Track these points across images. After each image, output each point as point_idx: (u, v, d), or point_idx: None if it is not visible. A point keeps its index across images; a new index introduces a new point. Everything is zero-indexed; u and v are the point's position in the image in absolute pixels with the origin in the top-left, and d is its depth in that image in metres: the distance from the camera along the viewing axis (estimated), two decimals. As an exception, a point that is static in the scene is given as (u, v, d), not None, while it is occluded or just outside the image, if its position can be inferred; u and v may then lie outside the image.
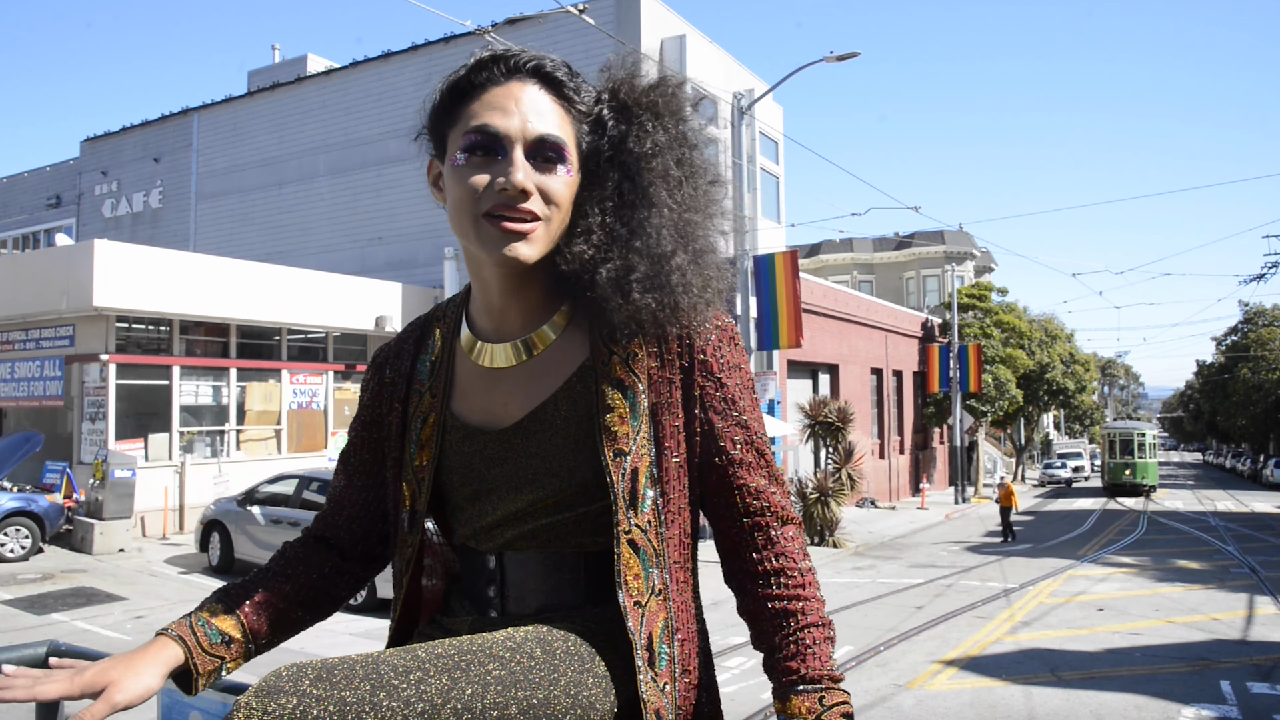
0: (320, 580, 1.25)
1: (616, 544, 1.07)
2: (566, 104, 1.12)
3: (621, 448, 1.09)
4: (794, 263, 16.99)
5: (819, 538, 17.30)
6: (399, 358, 1.27)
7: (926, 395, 32.93)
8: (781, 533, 1.13)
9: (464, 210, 1.08)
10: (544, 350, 1.16)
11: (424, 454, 1.20)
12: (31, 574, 11.14)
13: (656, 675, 1.05)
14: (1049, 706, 6.77)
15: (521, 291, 1.15)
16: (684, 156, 1.16)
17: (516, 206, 1.06)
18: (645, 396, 1.11)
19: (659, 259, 1.10)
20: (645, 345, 1.12)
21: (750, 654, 8.34)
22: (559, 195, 1.09)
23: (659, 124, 1.14)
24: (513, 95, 1.09)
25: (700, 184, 1.17)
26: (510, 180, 1.05)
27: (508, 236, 1.06)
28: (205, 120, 25.87)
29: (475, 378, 1.19)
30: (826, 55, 15.58)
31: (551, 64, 1.12)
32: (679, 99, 1.17)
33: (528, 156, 1.08)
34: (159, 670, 1.08)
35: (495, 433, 1.15)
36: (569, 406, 1.12)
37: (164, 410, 14.63)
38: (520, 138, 1.07)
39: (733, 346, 1.16)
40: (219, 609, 1.16)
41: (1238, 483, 46.39)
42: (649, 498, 1.09)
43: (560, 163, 1.09)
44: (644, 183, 1.12)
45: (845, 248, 45.75)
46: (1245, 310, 49.83)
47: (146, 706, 1.16)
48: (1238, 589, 12.26)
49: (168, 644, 1.11)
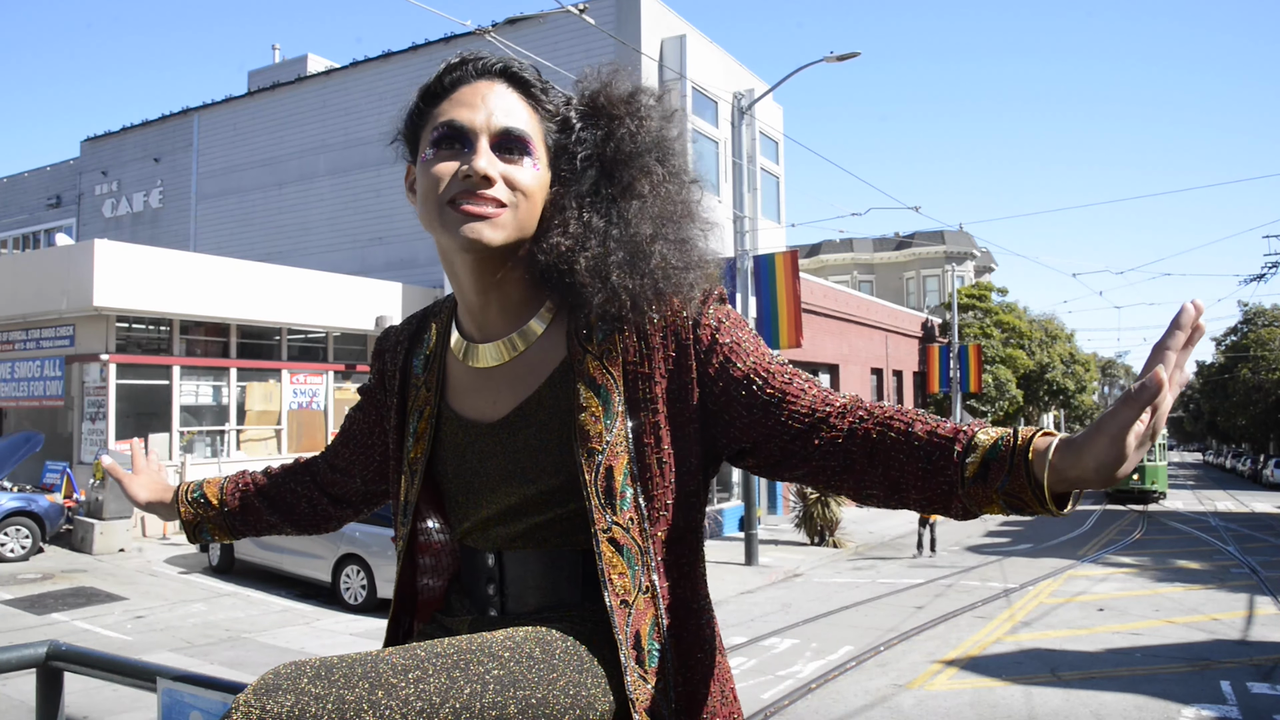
0: (291, 492, 1.48)
1: (596, 544, 1.07)
2: (534, 103, 1.15)
3: (594, 446, 1.09)
4: (794, 263, 17.00)
5: (819, 538, 17.31)
6: (396, 349, 1.31)
7: (926, 395, 32.93)
8: (866, 403, 1.08)
9: (429, 199, 1.10)
10: (529, 348, 1.16)
11: (419, 446, 1.22)
12: (31, 574, 11.14)
13: (645, 673, 1.05)
14: (1049, 706, 6.77)
15: (498, 288, 1.16)
16: (664, 159, 1.17)
17: (480, 193, 1.08)
18: (620, 394, 1.11)
19: (637, 244, 1.11)
20: (623, 340, 1.11)
21: (750, 654, 8.33)
22: (525, 184, 1.11)
23: (642, 126, 1.16)
24: (479, 92, 1.12)
25: (681, 183, 1.18)
26: (473, 166, 1.08)
27: (468, 217, 1.08)
28: (205, 120, 25.87)
29: (466, 375, 1.21)
30: (826, 55, 15.58)
31: (519, 65, 1.16)
32: (662, 104, 1.19)
33: (493, 148, 1.11)
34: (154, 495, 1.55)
35: (485, 426, 1.17)
36: (552, 402, 1.13)
37: (164, 410, 14.62)
38: (485, 129, 1.10)
39: (730, 319, 1.14)
40: (209, 481, 1.52)
41: (1238, 483, 46.38)
42: (628, 495, 1.09)
43: (525, 155, 1.12)
44: (624, 179, 1.14)
45: (845, 248, 45.75)
46: (1245, 310, 49.80)
47: (147, 706, 1.16)
48: (1238, 589, 12.26)
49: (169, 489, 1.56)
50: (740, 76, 21.31)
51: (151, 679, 1.59)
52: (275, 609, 10.14)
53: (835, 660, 8.06)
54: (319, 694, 0.91)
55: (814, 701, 6.82)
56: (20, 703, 6.15)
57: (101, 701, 6.14)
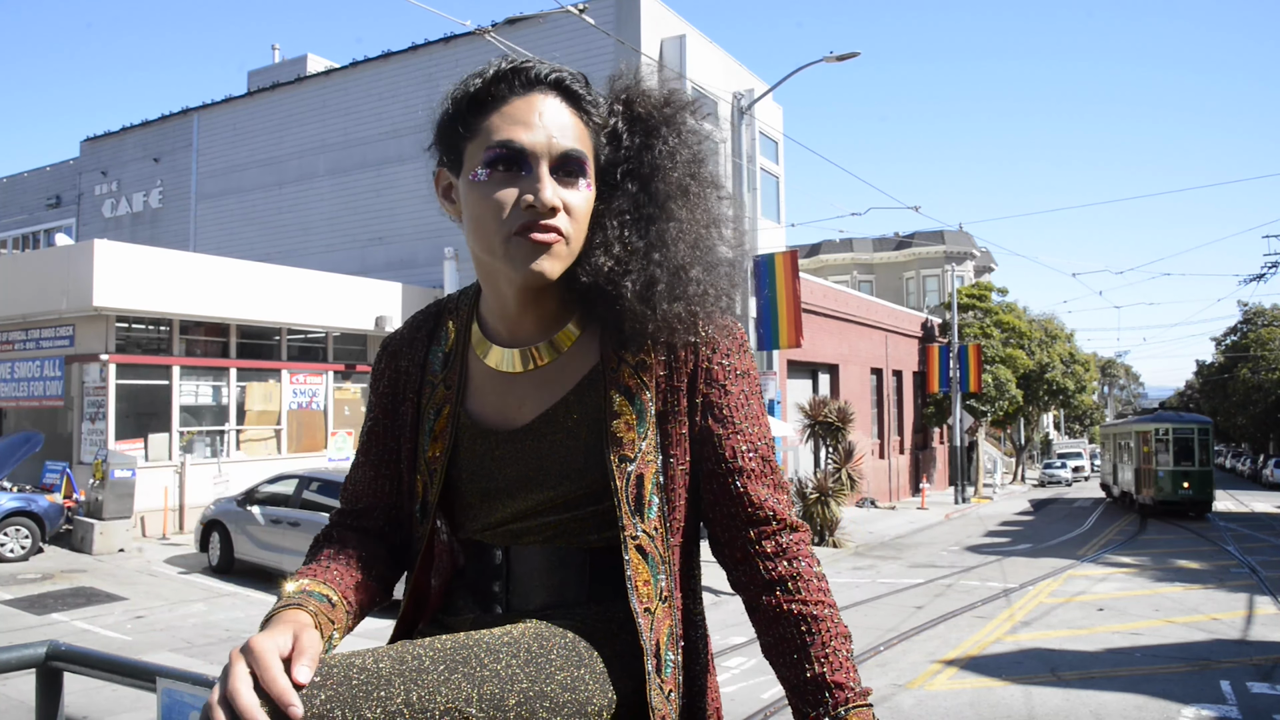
0: (372, 562, 1.18)
1: (625, 550, 1.07)
2: (585, 117, 1.11)
3: (627, 454, 1.09)
4: (794, 263, 17.00)
5: (819, 538, 17.31)
6: (412, 346, 1.26)
7: (926, 395, 32.93)
8: (791, 539, 1.11)
9: (488, 227, 1.07)
10: (557, 356, 1.16)
11: (436, 446, 1.19)
12: (31, 574, 11.14)
13: (663, 683, 1.06)
14: (1049, 706, 6.77)
15: (537, 304, 1.15)
16: (698, 172, 1.16)
17: (545, 224, 1.05)
18: (653, 404, 1.11)
19: (677, 270, 1.11)
20: (655, 354, 1.12)
21: (750, 654, 8.33)
22: (580, 211, 1.09)
23: (679, 139, 1.15)
24: (535, 108, 1.07)
25: (711, 198, 1.17)
26: (540, 198, 1.04)
27: (537, 250, 1.06)
28: (205, 120, 25.87)
29: (488, 378, 1.19)
30: (826, 55, 15.59)
31: (571, 77, 1.11)
32: (695, 113, 1.18)
33: (551, 171, 1.06)
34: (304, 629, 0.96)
35: (506, 433, 1.15)
36: (580, 410, 1.13)
37: (164, 410, 14.62)
38: (546, 153, 1.06)
39: (741, 354, 1.16)
40: (311, 581, 1.08)
41: (1238, 483, 46.36)
42: (655, 504, 1.10)
43: (582, 177, 1.09)
44: (661, 196, 1.13)
45: (845, 248, 45.76)
46: (1245, 310, 49.87)
47: (147, 706, 1.16)
48: (1238, 589, 12.26)
49: (294, 612, 0.99)
50: (740, 76, 21.31)
51: (151, 679, 1.59)
52: (275, 609, 10.14)
53: (835, 660, 8.06)
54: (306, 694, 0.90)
55: (814, 701, 6.82)
56: (20, 703, 6.15)
57: (101, 701, 6.14)
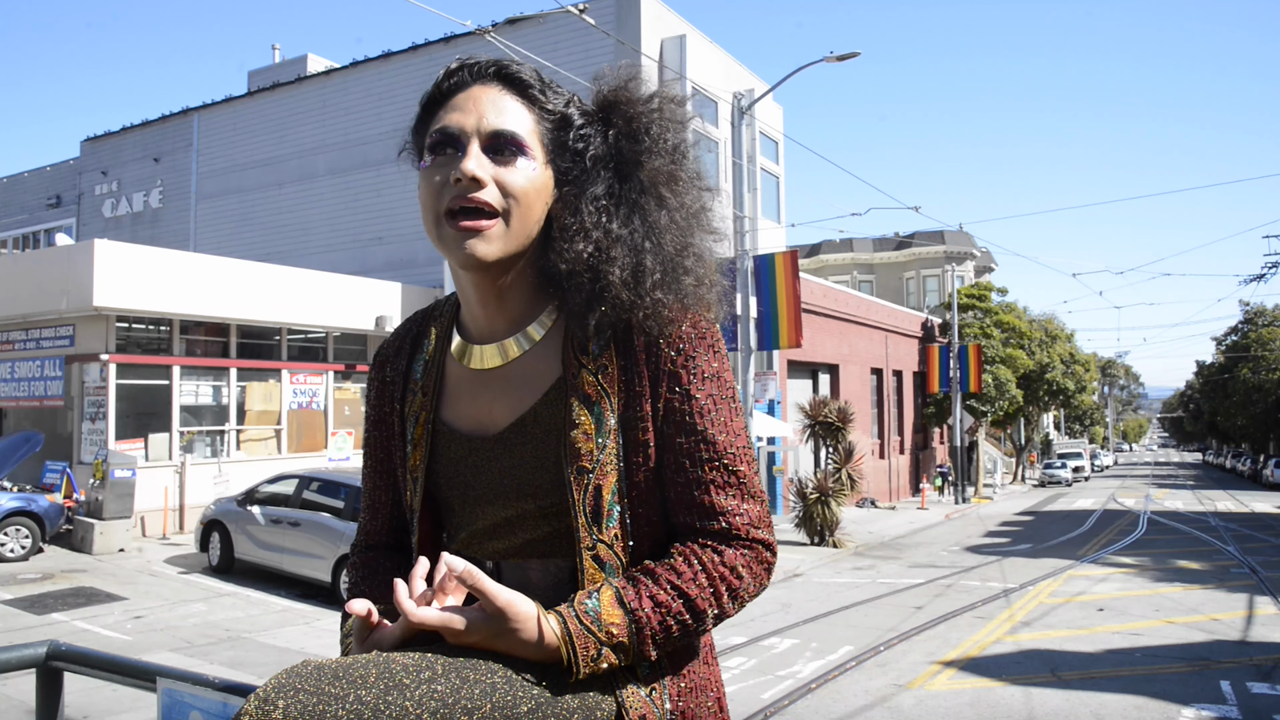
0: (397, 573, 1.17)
1: (580, 560, 1.08)
2: (529, 102, 1.14)
3: (585, 465, 1.09)
4: (794, 263, 17.00)
5: (819, 538, 17.31)
6: (398, 356, 1.28)
7: (926, 395, 32.94)
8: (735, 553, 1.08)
9: (427, 209, 1.11)
10: (528, 352, 1.16)
11: (416, 454, 1.21)
12: (31, 574, 11.14)
13: (638, 684, 1.07)
14: (1049, 707, 6.76)
15: (503, 295, 1.15)
16: (682, 163, 1.17)
17: (471, 197, 1.07)
18: (613, 412, 1.10)
19: (666, 259, 1.11)
20: (616, 358, 1.12)
21: (750, 654, 8.33)
22: (517, 188, 1.10)
23: (663, 130, 1.16)
24: (473, 96, 1.12)
25: (695, 190, 1.18)
26: (461, 168, 1.07)
27: (464, 234, 1.08)
28: (205, 120, 25.86)
29: (464, 381, 1.20)
30: (826, 55, 15.57)
31: (513, 66, 1.15)
32: (680, 106, 1.19)
33: (486, 151, 1.09)
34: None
35: (479, 440, 1.16)
36: (547, 419, 1.13)
37: (164, 410, 14.62)
38: (475, 132, 1.10)
39: (711, 355, 1.13)
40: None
41: (1238, 483, 46.35)
42: (615, 513, 1.09)
43: (519, 155, 1.10)
44: (645, 185, 1.14)
45: (845, 248, 45.77)
46: (1245, 310, 49.85)
47: (147, 706, 1.16)
48: (1238, 589, 12.25)
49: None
50: (740, 76, 21.31)
51: (151, 679, 1.59)
52: (275, 609, 10.14)
53: (835, 660, 8.06)
54: (337, 694, 0.91)
55: (814, 701, 6.82)
56: (20, 703, 6.15)
57: (101, 701, 6.14)
